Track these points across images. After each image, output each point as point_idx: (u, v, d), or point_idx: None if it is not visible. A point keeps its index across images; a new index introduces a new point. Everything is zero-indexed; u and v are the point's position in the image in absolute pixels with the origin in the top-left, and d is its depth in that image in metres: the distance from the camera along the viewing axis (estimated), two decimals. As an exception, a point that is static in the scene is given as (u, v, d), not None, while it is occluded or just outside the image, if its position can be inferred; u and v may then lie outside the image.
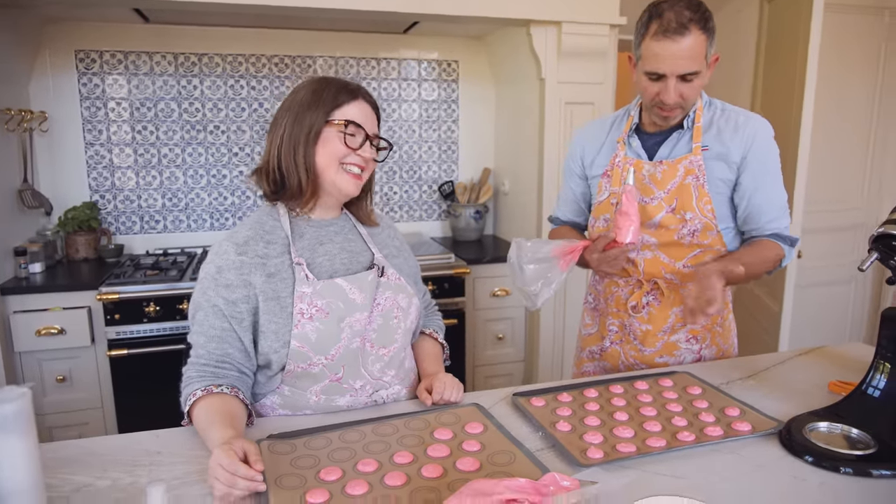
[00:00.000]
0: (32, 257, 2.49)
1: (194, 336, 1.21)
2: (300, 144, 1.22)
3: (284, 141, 1.23)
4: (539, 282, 1.41)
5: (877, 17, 3.07)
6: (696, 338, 1.58)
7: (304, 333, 1.20)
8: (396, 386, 1.32)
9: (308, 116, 1.22)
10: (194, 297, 1.22)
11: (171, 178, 3.01)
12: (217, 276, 1.20)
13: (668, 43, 1.34)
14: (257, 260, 1.21)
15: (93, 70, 2.84)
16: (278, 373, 1.24)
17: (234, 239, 1.23)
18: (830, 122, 3.05)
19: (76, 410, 2.44)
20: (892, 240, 1.09)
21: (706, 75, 1.42)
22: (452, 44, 3.26)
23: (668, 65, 1.36)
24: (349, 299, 1.23)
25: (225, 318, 1.19)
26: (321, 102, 1.22)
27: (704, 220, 1.48)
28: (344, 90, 1.25)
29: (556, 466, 1.04)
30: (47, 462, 1.04)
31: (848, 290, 3.34)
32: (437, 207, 3.43)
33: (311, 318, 1.20)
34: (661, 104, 1.43)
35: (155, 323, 2.40)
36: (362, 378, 1.27)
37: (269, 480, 0.98)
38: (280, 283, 1.21)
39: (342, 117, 1.23)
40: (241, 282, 1.19)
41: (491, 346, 2.97)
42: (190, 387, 1.15)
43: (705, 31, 1.36)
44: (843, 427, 1.14)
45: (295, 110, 1.23)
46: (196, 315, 1.21)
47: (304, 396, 1.25)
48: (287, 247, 1.25)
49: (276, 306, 1.20)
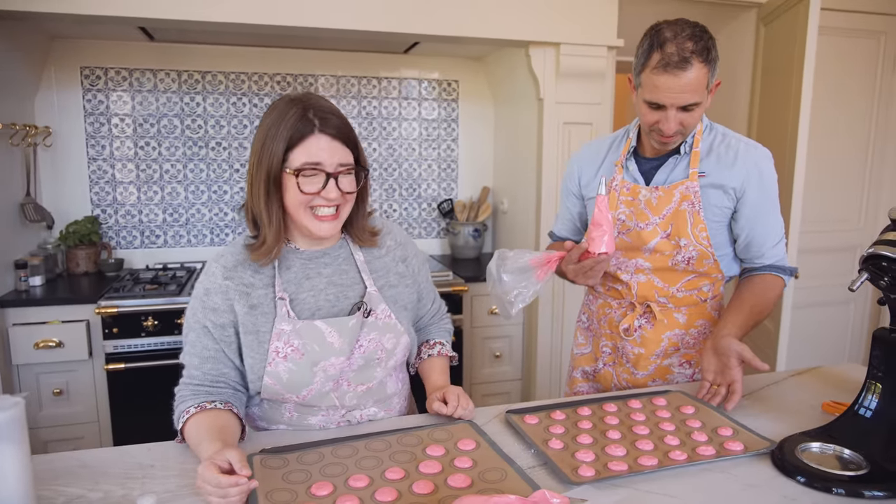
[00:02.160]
0: (33, 270, 2.50)
1: (188, 357, 1.20)
2: (262, 192, 1.14)
3: (253, 186, 1.16)
4: (514, 291, 1.41)
5: (873, 40, 3.11)
6: (689, 362, 1.58)
7: (277, 372, 1.18)
8: (372, 409, 1.30)
9: (265, 160, 1.13)
10: (187, 316, 1.22)
11: (172, 193, 3.04)
12: (205, 298, 1.19)
13: (669, 77, 1.32)
14: (242, 288, 1.19)
15: (97, 86, 2.87)
16: (255, 395, 1.25)
17: (224, 261, 1.20)
18: (827, 143, 3.08)
19: (72, 424, 2.44)
20: (882, 260, 1.10)
21: (707, 103, 1.41)
22: (452, 64, 3.31)
23: (668, 98, 1.35)
24: (326, 343, 1.19)
25: (215, 340, 1.19)
26: (276, 140, 1.12)
27: (700, 247, 1.47)
28: (298, 124, 1.12)
29: (548, 484, 1.04)
30: (41, 474, 1.05)
31: (847, 311, 3.34)
32: (436, 225, 3.45)
33: (286, 357, 1.17)
34: (659, 132, 1.41)
35: (153, 337, 2.41)
36: (333, 406, 1.26)
37: (260, 495, 0.98)
38: (261, 318, 1.18)
39: (296, 161, 1.12)
40: (226, 307, 1.18)
41: (488, 364, 2.97)
42: (183, 404, 1.15)
43: (707, 62, 1.33)
44: (836, 447, 1.13)
45: (257, 151, 1.15)
46: (189, 335, 1.21)
47: (279, 412, 1.25)
48: (272, 277, 1.21)
49: (255, 341, 1.18)
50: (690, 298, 1.55)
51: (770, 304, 1.47)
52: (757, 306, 1.45)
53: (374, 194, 3.32)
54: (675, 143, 1.47)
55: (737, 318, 1.41)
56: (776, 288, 1.49)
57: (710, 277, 1.53)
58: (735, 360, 1.31)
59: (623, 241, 1.54)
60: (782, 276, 1.51)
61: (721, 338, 1.36)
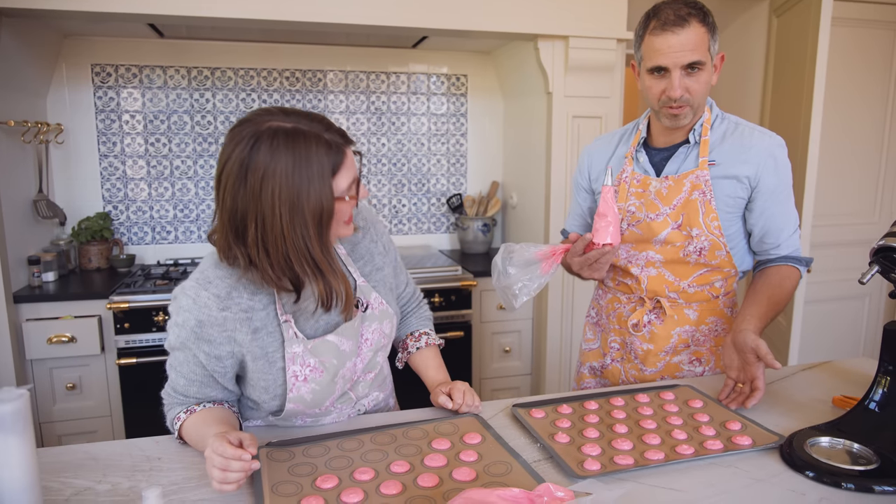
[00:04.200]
0: (46, 266, 2.53)
1: (173, 373, 1.14)
2: (313, 237, 1.02)
3: (289, 240, 1.00)
4: (519, 283, 1.40)
5: (887, 31, 3.06)
6: (699, 360, 1.56)
7: (300, 396, 1.14)
8: (375, 392, 1.33)
9: (307, 202, 0.99)
10: (169, 339, 1.11)
11: (182, 189, 3.06)
12: (198, 329, 1.07)
13: (668, 35, 1.33)
14: (241, 315, 1.09)
15: (108, 83, 2.89)
16: (268, 415, 1.23)
17: (214, 289, 1.08)
18: (840, 136, 3.04)
19: (85, 418, 2.47)
20: (892, 252, 1.08)
21: (712, 72, 1.40)
22: (461, 58, 3.30)
23: (669, 57, 1.34)
24: (341, 352, 1.17)
25: (205, 369, 1.12)
26: (314, 178, 0.99)
27: (711, 237, 1.45)
28: (331, 153, 1.02)
29: (553, 477, 1.03)
30: (49, 466, 1.06)
31: (861, 306, 3.30)
32: (446, 220, 3.44)
33: (306, 379, 1.14)
34: (667, 102, 1.38)
35: (164, 332, 2.43)
36: (349, 401, 1.28)
37: (266, 487, 0.99)
38: (267, 339, 1.12)
39: (345, 183, 1.05)
40: (224, 339, 1.09)
41: (498, 359, 2.97)
42: (173, 410, 1.15)
43: (705, 24, 1.35)
44: (846, 442, 1.12)
45: (282, 196, 0.98)
46: (174, 353, 1.12)
47: (291, 422, 1.25)
48: (272, 300, 1.12)
49: (265, 364, 1.12)
50: (702, 294, 1.53)
51: (788, 294, 1.45)
52: (775, 297, 1.42)
53: (382, 189, 3.32)
54: (685, 118, 1.42)
55: (756, 309, 1.38)
56: (793, 278, 1.47)
57: (722, 272, 1.51)
58: (753, 356, 1.28)
59: (633, 232, 1.53)
60: (798, 267, 1.49)
61: (739, 332, 1.32)
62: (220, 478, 0.92)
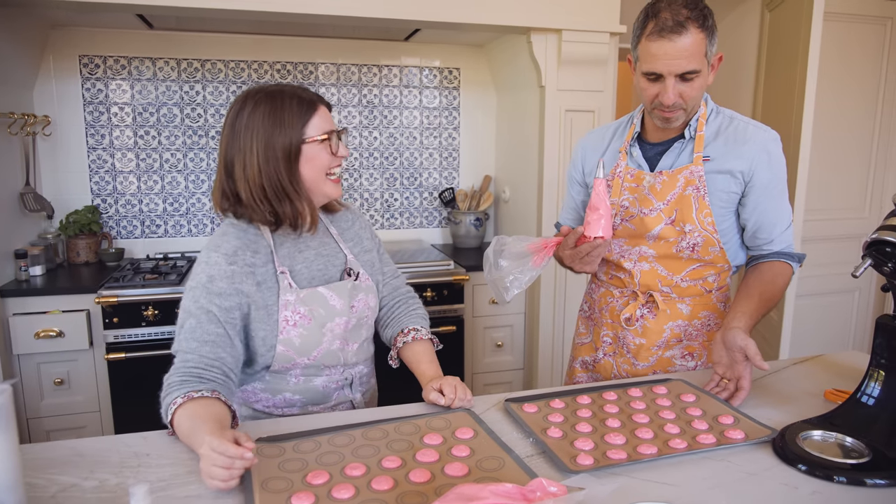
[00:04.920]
0: (33, 260, 2.50)
1: (184, 342, 1.20)
2: (281, 169, 1.23)
3: (262, 168, 1.22)
4: (510, 276, 1.39)
5: (879, 26, 3.06)
6: (692, 354, 1.55)
7: (289, 339, 1.27)
8: (360, 366, 1.43)
9: (278, 141, 1.22)
10: (184, 305, 1.23)
11: (172, 182, 3.03)
12: (209, 284, 1.21)
13: (664, 42, 1.30)
14: (247, 269, 1.25)
15: (96, 75, 2.86)
16: (263, 370, 1.31)
17: (223, 250, 1.24)
18: (832, 131, 3.04)
19: (73, 414, 2.44)
20: (885, 246, 1.08)
21: (708, 75, 1.37)
22: (454, 51, 3.28)
23: (664, 65, 1.32)
24: (330, 306, 1.31)
25: (220, 324, 1.21)
26: (286, 123, 1.23)
27: (705, 233, 1.45)
28: (303, 105, 1.25)
29: (546, 472, 1.03)
30: (35, 462, 1.04)
31: (851, 300, 3.32)
32: (438, 214, 3.43)
33: (296, 324, 1.27)
34: (660, 106, 1.38)
35: (153, 327, 2.41)
36: (339, 363, 1.37)
37: (256, 483, 0.98)
38: (267, 292, 1.26)
39: (316, 131, 1.25)
40: (233, 290, 1.22)
41: (490, 354, 2.96)
42: (170, 395, 1.14)
43: (704, 28, 1.31)
44: (838, 436, 1.12)
45: (260, 135, 1.22)
46: (187, 322, 1.21)
47: (285, 379, 1.33)
48: (270, 255, 1.29)
49: (265, 314, 1.26)
50: (695, 289, 1.52)
51: (780, 291, 1.44)
52: (766, 293, 1.41)
53: (374, 183, 3.30)
54: (677, 120, 1.42)
55: (747, 306, 1.37)
56: (785, 275, 1.46)
57: (715, 267, 1.51)
58: (741, 355, 1.27)
59: (626, 227, 1.52)
60: (791, 263, 1.48)
61: (728, 329, 1.31)
62: (224, 476, 0.93)
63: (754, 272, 1.48)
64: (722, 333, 1.33)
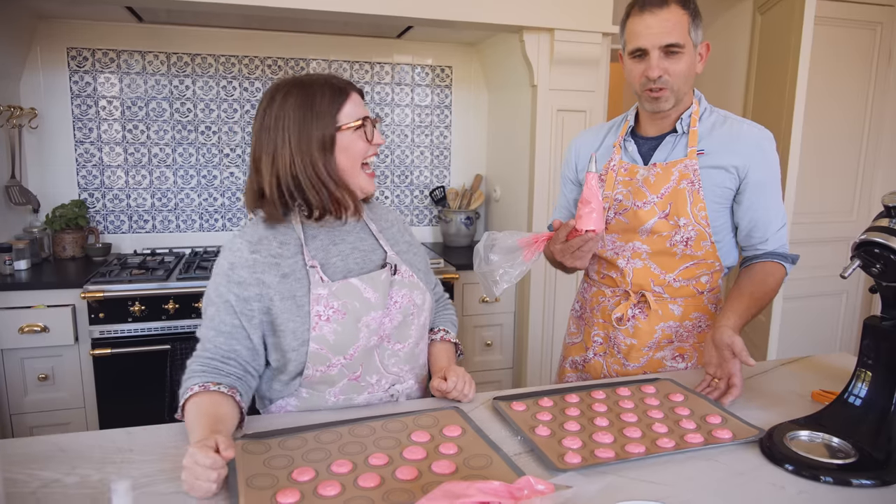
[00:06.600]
0: (18, 254, 2.47)
1: (204, 329, 1.21)
2: (317, 158, 1.19)
3: (296, 158, 1.18)
4: (500, 270, 1.39)
5: (869, 31, 3.09)
6: (682, 356, 1.55)
7: (323, 335, 1.20)
8: (410, 381, 1.34)
9: (313, 128, 1.18)
10: (207, 292, 1.22)
11: (160, 177, 3.00)
12: (230, 272, 1.19)
13: (647, 16, 1.36)
14: (270, 259, 1.20)
15: (84, 68, 2.83)
16: (296, 377, 1.24)
17: (248, 237, 1.22)
18: (821, 134, 3.07)
19: (58, 410, 2.41)
20: (874, 247, 1.08)
21: (694, 58, 1.41)
22: (446, 49, 3.27)
23: (647, 38, 1.36)
24: (364, 298, 1.24)
25: (235, 315, 1.19)
26: (320, 112, 1.19)
27: (698, 227, 1.45)
28: (336, 93, 1.22)
29: (533, 470, 1.02)
30: (16, 458, 1.03)
31: (839, 302, 3.34)
32: (428, 213, 3.42)
33: (329, 319, 1.20)
34: (647, 84, 1.40)
35: (140, 323, 2.38)
36: (378, 373, 1.29)
37: (241, 480, 0.97)
38: (295, 283, 1.21)
39: (349, 119, 1.22)
40: (253, 280, 1.19)
41: (479, 353, 2.96)
42: (190, 380, 1.14)
43: (686, 8, 1.37)
44: (824, 436, 1.13)
45: (292, 125, 1.18)
46: (207, 310, 1.21)
47: (323, 398, 1.27)
48: (300, 248, 1.24)
49: (293, 305, 1.20)
50: (687, 289, 1.52)
51: (772, 291, 1.45)
52: (757, 294, 1.42)
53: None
54: (666, 102, 1.42)
55: (737, 306, 1.38)
56: (777, 275, 1.47)
57: (707, 265, 1.51)
58: (729, 352, 1.28)
59: (620, 221, 1.52)
60: (784, 264, 1.49)
61: (717, 328, 1.33)
62: (201, 491, 0.92)
63: (747, 272, 1.49)
64: (712, 333, 1.34)
